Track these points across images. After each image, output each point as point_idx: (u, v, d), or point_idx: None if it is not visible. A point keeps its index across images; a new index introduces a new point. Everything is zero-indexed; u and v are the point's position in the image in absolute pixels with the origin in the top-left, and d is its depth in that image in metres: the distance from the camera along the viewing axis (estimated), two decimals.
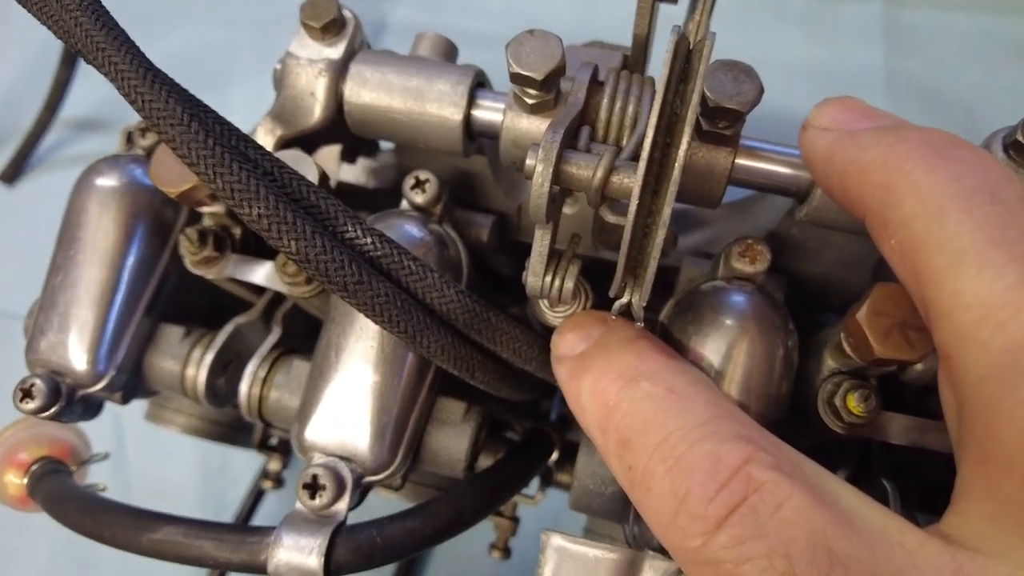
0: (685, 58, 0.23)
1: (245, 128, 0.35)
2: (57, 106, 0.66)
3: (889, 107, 0.25)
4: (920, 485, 0.31)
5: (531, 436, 0.38)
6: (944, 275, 0.19)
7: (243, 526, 0.29)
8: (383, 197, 0.40)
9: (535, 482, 0.42)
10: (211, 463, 0.60)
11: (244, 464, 0.58)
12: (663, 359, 0.25)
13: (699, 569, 0.20)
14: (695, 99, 0.21)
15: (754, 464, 0.20)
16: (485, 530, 0.49)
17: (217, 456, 0.60)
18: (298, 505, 0.29)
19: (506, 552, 0.42)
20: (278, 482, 0.47)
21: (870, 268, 0.34)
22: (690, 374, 0.25)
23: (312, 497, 0.28)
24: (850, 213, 0.23)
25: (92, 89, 0.69)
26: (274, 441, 0.46)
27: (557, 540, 0.25)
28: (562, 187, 0.24)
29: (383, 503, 0.36)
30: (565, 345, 0.28)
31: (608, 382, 0.24)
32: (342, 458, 0.29)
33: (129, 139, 0.42)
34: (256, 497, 0.55)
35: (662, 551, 0.26)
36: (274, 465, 0.46)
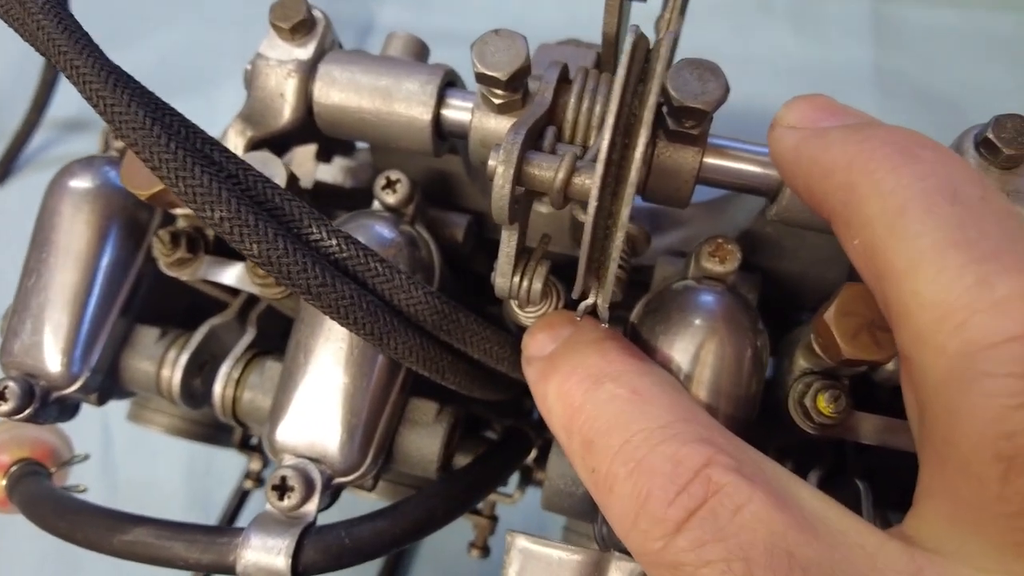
0: (645, 58, 0.23)
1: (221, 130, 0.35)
2: (44, 106, 0.66)
3: (878, 104, 0.25)
4: (894, 485, 0.31)
5: (508, 435, 0.38)
6: (904, 276, 0.19)
7: (214, 527, 0.29)
8: (360, 197, 0.40)
9: (514, 481, 0.42)
10: (197, 463, 0.60)
11: (230, 464, 0.58)
12: (629, 360, 0.25)
13: (660, 572, 0.20)
14: (652, 100, 0.21)
15: (714, 467, 0.20)
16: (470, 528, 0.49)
17: (203, 457, 0.60)
18: (267, 506, 0.29)
19: (485, 551, 0.42)
20: (259, 481, 0.47)
21: (847, 266, 0.34)
22: (655, 375, 0.25)
23: (281, 498, 0.28)
24: (817, 214, 0.23)
25: (75, 94, 0.69)
26: (254, 441, 0.46)
27: (521, 541, 0.25)
28: (526, 188, 0.24)
29: (366, 504, 0.36)
30: (535, 345, 0.28)
31: (574, 383, 0.24)
32: (312, 459, 0.29)
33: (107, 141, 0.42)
34: (241, 497, 0.55)
35: (628, 552, 0.26)
36: (255, 464, 0.46)
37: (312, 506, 0.28)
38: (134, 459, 0.61)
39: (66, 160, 0.75)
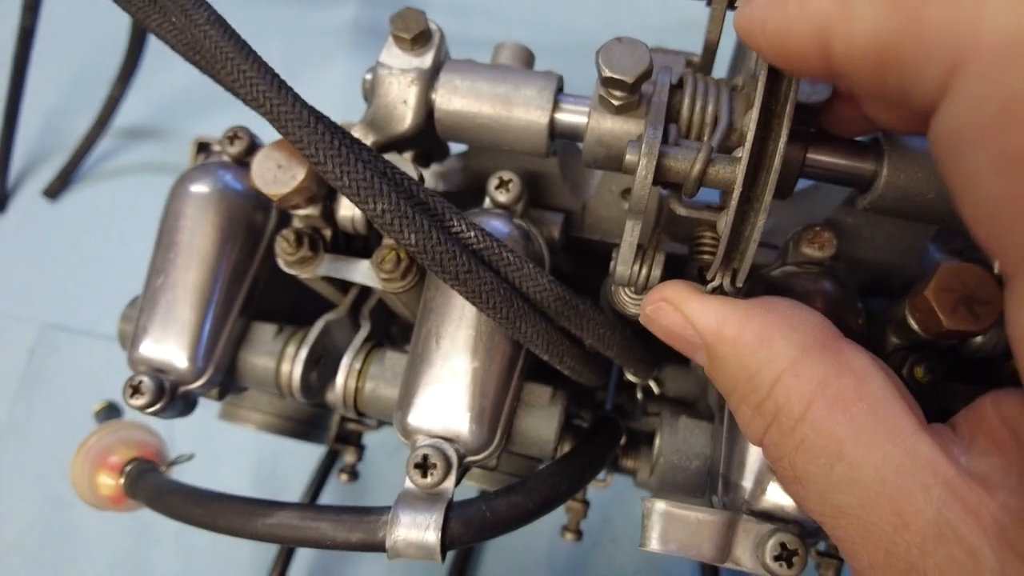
0: None
1: None
2: (107, 122, 0.68)
3: None
4: None
5: (601, 423, 0.40)
6: None
7: (358, 507, 0.30)
8: (452, 200, 0.42)
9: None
10: (263, 469, 0.61)
11: (296, 467, 0.59)
12: None
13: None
14: (793, 95, 0.24)
15: None
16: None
17: (268, 462, 0.61)
18: (408, 484, 0.30)
19: (578, 534, 0.44)
20: (353, 475, 0.48)
21: (919, 254, 0.37)
22: None
23: (423, 476, 0.30)
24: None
25: (129, 106, 0.71)
26: (349, 436, 0.48)
27: (661, 505, 0.27)
28: (662, 179, 0.26)
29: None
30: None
31: None
32: (446, 439, 0.31)
33: (202, 149, 0.44)
34: (312, 497, 0.56)
35: (754, 515, 0.28)
36: (350, 458, 0.47)
37: (450, 483, 0.30)
38: (198, 466, 0.62)
39: (118, 173, 0.76)
